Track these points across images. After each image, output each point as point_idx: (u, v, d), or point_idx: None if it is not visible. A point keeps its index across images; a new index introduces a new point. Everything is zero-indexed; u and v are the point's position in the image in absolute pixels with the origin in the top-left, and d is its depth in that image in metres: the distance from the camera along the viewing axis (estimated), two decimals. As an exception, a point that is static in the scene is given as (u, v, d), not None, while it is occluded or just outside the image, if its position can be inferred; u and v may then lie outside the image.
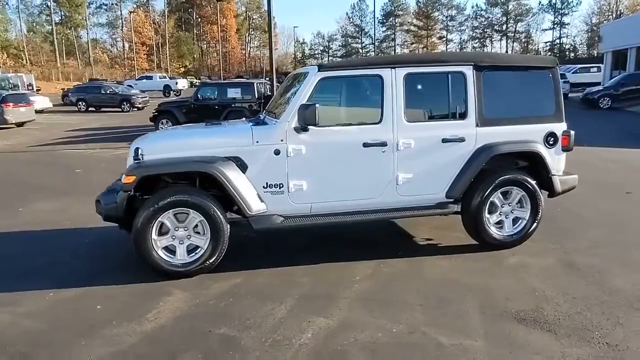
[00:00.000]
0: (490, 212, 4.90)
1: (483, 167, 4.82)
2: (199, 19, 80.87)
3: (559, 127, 4.99)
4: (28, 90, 40.46)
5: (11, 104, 20.45)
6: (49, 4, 67.39)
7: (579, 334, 3.32)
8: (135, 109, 27.41)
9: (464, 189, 4.76)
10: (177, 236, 4.36)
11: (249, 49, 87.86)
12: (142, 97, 28.90)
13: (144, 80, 44.69)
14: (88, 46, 67.13)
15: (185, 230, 4.36)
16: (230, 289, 4.19)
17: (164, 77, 46.85)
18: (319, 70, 4.58)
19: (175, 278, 4.35)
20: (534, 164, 4.99)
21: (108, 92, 28.92)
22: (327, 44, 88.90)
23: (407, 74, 4.65)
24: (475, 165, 4.73)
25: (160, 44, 73.96)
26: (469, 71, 4.77)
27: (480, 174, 4.81)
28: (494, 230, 4.90)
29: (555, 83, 5.00)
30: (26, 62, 60.23)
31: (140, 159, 4.42)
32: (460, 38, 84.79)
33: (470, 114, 4.76)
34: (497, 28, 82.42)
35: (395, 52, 78.69)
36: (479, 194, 4.77)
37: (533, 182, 4.88)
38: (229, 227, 4.43)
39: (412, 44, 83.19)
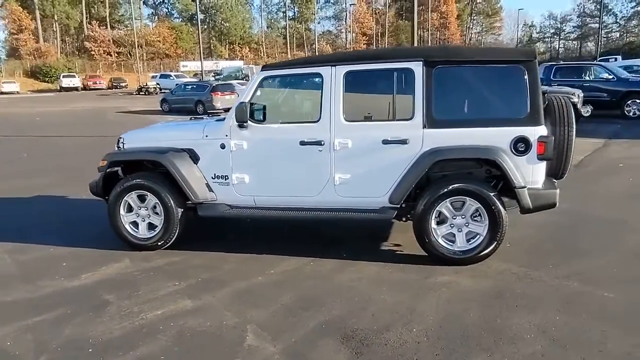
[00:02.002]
0: (440, 223, 4.45)
1: (436, 173, 4.44)
2: (420, 7, 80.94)
3: (534, 132, 4.21)
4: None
5: (219, 93, 24.36)
6: (285, 1, 75.72)
7: (381, 363, 3.02)
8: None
9: (403, 195, 4.42)
10: (140, 214, 5.09)
11: (469, 34, 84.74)
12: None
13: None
14: (315, 38, 73.45)
15: (146, 210, 5.07)
16: (163, 265, 4.76)
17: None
18: (262, 70, 4.77)
19: (138, 250, 5.10)
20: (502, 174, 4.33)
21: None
22: (559, 25, 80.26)
23: (347, 71, 4.52)
24: (417, 171, 4.35)
25: (379, 34, 76.62)
26: (417, 68, 4.37)
27: (431, 180, 4.43)
28: (441, 243, 4.43)
29: (531, 80, 4.21)
30: (263, 55, 68.95)
31: (120, 147, 5.29)
32: None
33: (417, 114, 4.38)
34: None
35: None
36: (422, 202, 4.38)
37: (490, 194, 4.26)
38: (180, 211, 4.98)
39: (668, 19, 69.44)
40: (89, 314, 3.81)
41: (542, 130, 4.23)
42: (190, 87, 26.13)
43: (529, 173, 4.27)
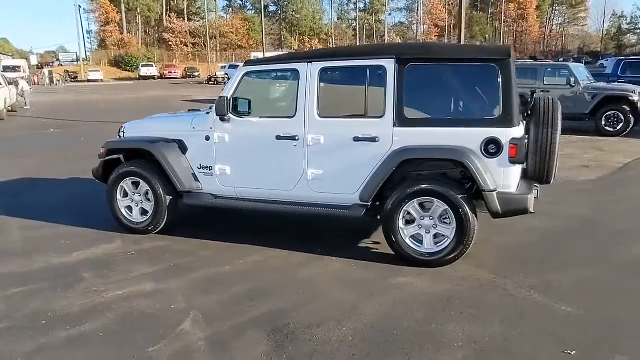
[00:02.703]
0: (408, 223, 4.38)
1: (412, 172, 4.39)
2: (498, -2, 77.74)
3: (506, 134, 4.04)
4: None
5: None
6: (356, -7, 75.53)
7: (302, 357, 3.06)
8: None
9: (372, 193, 4.39)
10: (135, 200, 5.38)
11: (550, 26, 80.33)
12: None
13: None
14: (384, 30, 72.72)
15: (139, 196, 5.35)
16: (149, 248, 5.02)
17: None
18: (244, 65, 4.88)
19: (133, 233, 5.39)
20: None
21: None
22: (652, 16, 74.09)
23: (322, 68, 4.53)
24: (386, 169, 4.30)
25: (452, 26, 74.37)
26: (389, 65, 4.31)
27: (401, 180, 4.38)
28: (408, 244, 4.36)
29: (505, 79, 4.02)
30: (332, 46, 69.05)
31: (121, 135, 5.61)
32: None
33: (388, 112, 4.32)
34: None
35: None
36: (390, 201, 4.33)
37: (457, 196, 4.13)
38: (169, 198, 5.21)
39: None
40: (60, 289, 4.11)
41: (515, 132, 4.04)
42: (250, 77, 26.72)
43: (500, 176, 4.11)
